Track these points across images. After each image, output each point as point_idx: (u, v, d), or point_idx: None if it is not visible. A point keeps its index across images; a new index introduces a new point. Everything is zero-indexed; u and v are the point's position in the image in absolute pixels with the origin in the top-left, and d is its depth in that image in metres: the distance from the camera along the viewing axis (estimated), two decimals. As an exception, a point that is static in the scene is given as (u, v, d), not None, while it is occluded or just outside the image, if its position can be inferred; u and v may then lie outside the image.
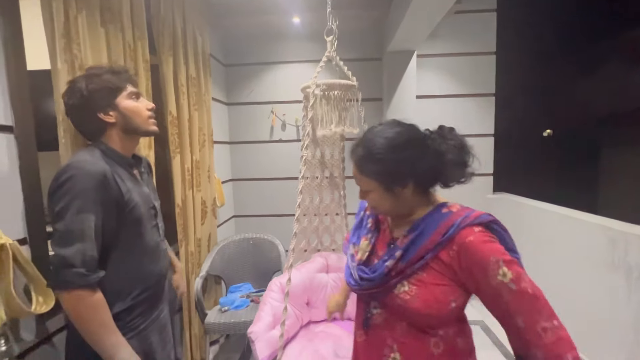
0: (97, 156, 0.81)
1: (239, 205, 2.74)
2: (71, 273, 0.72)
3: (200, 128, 1.86)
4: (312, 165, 1.47)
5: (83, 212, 0.74)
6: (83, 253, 0.73)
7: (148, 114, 0.92)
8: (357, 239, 0.83)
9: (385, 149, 0.68)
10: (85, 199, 0.74)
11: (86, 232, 0.74)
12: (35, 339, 0.92)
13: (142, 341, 0.88)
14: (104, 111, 0.86)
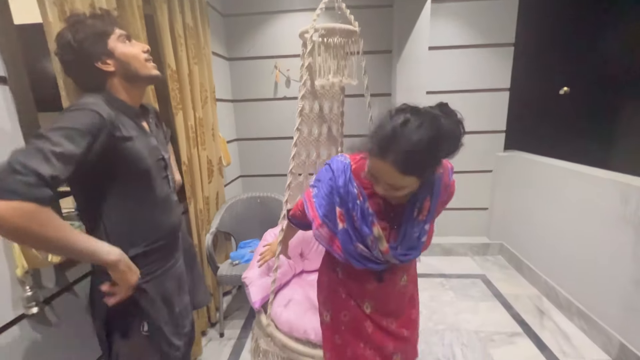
0: (100, 102, 0.78)
1: (245, 165, 2.73)
2: (16, 180, 0.58)
3: (202, 84, 1.79)
4: (310, 119, 1.42)
5: (67, 139, 0.67)
6: (44, 168, 0.61)
7: (145, 57, 0.88)
8: (367, 224, 0.82)
9: (427, 149, 0.66)
10: (78, 131, 0.69)
11: (58, 155, 0.64)
12: (57, 287, 0.98)
13: (159, 285, 0.93)
14: (100, 60, 0.82)
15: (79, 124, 0.70)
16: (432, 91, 2.43)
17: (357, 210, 0.82)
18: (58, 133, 0.67)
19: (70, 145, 0.67)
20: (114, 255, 0.77)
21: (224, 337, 1.83)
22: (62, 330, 0.99)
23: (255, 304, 1.22)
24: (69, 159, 0.67)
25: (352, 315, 0.95)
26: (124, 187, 0.84)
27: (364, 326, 0.94)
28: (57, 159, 0.64)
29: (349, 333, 0.96)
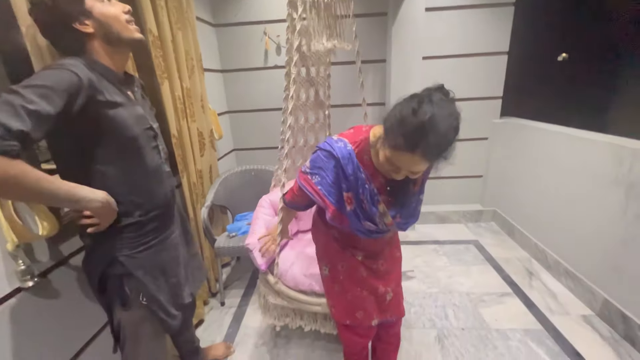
0: (79, 64, 0.74)
1: (238, 138, 2.68)
2: None
3: (187, 51, 1.69)
4: (297, 83, 1.38)
5: (40, 97, 0.64)
6: (13, 122, 0.59)
7: (126, 18, 0.84)
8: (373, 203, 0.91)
9: (453, 138, 0.74)
10: (53, 90, 0.66)
11: (30, 112, 0.62)
12: (52, 261, 0.98)
13: (154, 255, 0.94)
14: (78, 20, 0.77)
15: (54, 82, 0.67)
16: (429, 56, 2.35)
17: (366, 194, 0.89)
18: (32, 90, 0.63)
19: (46, 104, 0.64)
20: (98, 202, 0.77)
21: (225, 306, 1.89)
22: (61, 302, 1.00)
23: (261, 266, 1.29)
24: (44, 118, 0.64)
25: (348, 265, 1.08)
26: (112, 155, 0.83)
27: (359, 272, 1.08)
28: (29, 116, 0.62)
29: (347, 280, 1.08)
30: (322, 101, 1.53)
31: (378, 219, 0.92)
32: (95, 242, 0.88)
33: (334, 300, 1.13)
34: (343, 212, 0.93)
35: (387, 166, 0.82)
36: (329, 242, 1.12)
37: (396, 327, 1.22)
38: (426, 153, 0.72)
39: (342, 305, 1.10)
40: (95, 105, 0.75)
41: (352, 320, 1.09)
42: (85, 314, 1.08)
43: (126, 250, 0.89)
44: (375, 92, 2.51)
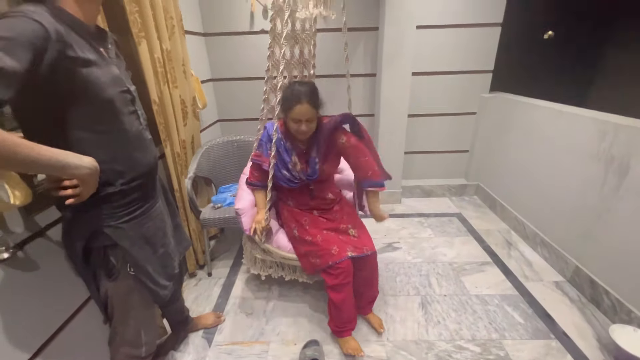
0: (42, 12, 0.64)
1: (223, 108, 2.56)
2: None
3: (166, 8, 1.55)
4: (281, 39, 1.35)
5: (5, 52, 0.56)
6: None
7: None
8: (288, 156, 1.41)
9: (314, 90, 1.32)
10: (17, 42, 0.58)
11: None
12: (27, 232, 0.92)
13: (138, 225, 0.90)
14: None
15: (17, 34, 0.58)
16: (422, 25, 2.27)
17: (281, 147, 1.39)
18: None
19: (10, 60, 0.56)
20: (86, 169, 0.71)
21: (213, 277, 1.89)
22: (40, 274, 0.96)
23: (247, 231, 1.47)
24: (10, 76, 0.56)
25: (309, 219, 1.46)
26: (87, 120, 0.75)
27: (320, 220, 1.46)
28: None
29: (313, 229, 1.41)
30: (307, 60, 1.50)
31: (292, 167, 1.40)
32: (75, 214, 0.83)
33: (308, 247, 1.37)
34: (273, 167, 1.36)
35: (294, 126, 1.31)
36: (289, 210, 1.51)
37: (371, 261, 1.39)
38: (303, 98, 1.26)
39: (317, 251, 1.33)
40: (65, 61, 0.67)
41: (331, 258, 1.29)
42: (67, 287, 1.05)
43: (110, 220, 0.84)
44: (367, 62, 2.42)
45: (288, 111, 1.29)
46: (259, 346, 1.44)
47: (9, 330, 0.87)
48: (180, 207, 1.74)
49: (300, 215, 1.47)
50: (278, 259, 1.52)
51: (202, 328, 1.53)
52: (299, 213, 1.48)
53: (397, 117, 2.39)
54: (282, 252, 1.47)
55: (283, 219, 1.53)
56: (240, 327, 1.54)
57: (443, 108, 2.58)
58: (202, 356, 1.40)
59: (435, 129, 2.65)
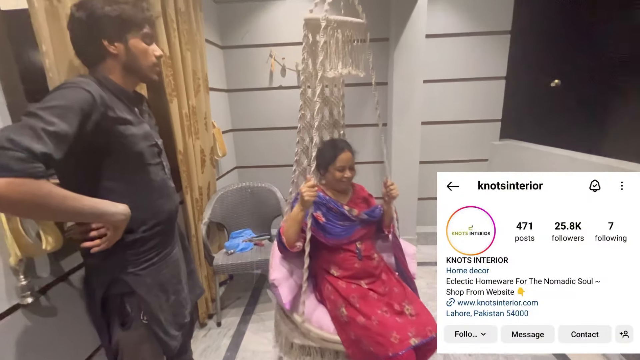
0: (91, 82, 0.76)
1: (241, 156, 2.70)
2: (7, 156, 0.57)
3: (194, 71, 1.74)
4: (312, 103, 1.41)
5: (59, 118, 0.64)
6: (35, 145, 0.60)
7: (154, 61, 0.87)
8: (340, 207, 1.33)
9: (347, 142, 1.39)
10: (69, 109, 0.67)
11: (51, 134, 0.62)
12: (52, 277, 0.95)
13: (156, 272, 0.91)
14: (109, 40, 0.80)
15: (70, 101, 0.68)
16: (429, 80, 2.42)
17: (331, 202, 1.32)
18: (50, 111, 0.64)
19: (64, 124, 0.65)
20: (121, 215, 0.78)
21: (223, 327, 1.83)
22: (58, 320, 0.97)
23: (286, 305, 1.25)
24: (62, 138, 0.64)
25: (358, 294, 1.22)
26: (119, 171, 0.82)
27: (370, 295, 1.23)
28: (50, 138, 0.62)
29: (365, 306, 1.18)
30: (337, 120, 1.57)
31: (348, 212, 1.31)
32: (98, 261, 0.85)
33: (362, 331, 1.13)
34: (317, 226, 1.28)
35: (338, 175, 1.30)
36: (333, 283, 1.28)
37: (434, 345, 1.15)
38: (345, 147, 1.32)
39: (373, 337, 1.10)
40: (105, 121, 0.76)
41: (391, 347, 1.06)
42: (81, 333, 1.05)
43: (130, 267, 0.87)
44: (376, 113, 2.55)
45: (332, 161, 1.29)
46: (267, 408, 1.33)
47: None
48: (195, 252, 1.76)
49: (347, 291, 1.24)
50: (318, 343, 1.25)
51: (209, 384, 1.44)
52: (346, 287, 1.25)
53: (409, 163, 2.44)
54: (324, 334, 1.23)
55: (324, 295, 1.31)
56: (248, 385, 1.45)
57: (455, 155, 2.63)
58: (207, 417, 1.30)
59: (447, 175, 2.67)
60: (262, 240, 2.01)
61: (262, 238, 2.04)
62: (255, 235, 2.09)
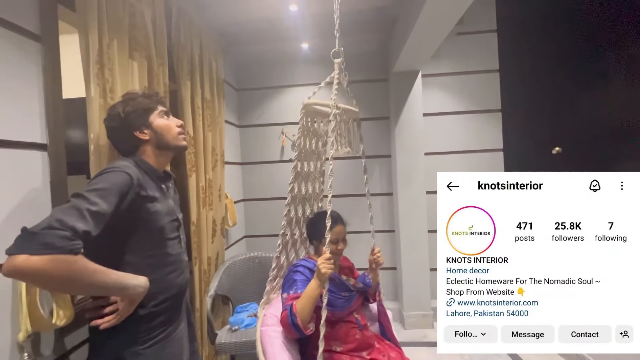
0: (130, 165, 0.87)
1: (250, 225, 2.76)
2: (55, 235, 0.64)
3: (214, 148, 1.92)
4: (300, 177, 1.55)
5: (101, 199, 0.73)
6: (79, 224, 0.67)
7: (178, 130, 1.00)
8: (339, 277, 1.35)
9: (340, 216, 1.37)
10: (110, 190, 0.76)
11: (93, 213, 0.70)
12: (53, 355, 0.93)
13: (160, 351, 0.89)
14: (139, 130, 0.94)
15: (111, 184, 0.77)
16: (430, 152, 2.58)
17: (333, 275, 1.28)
18: (94, 193, 0.73)
19: (104, 204, 0.73)
20: (142, 288, 0.81)
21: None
22: (50, 406, 0.91)
23: None
24: (102, 217, 0.72)
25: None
26: (140, 246, 0.87)
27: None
28: (91, 217, 0.70)
29: None
30: (318, 194, 1.71)
31: (347, 283, 1.36)
32: (104, 338, 0.84)
33: None
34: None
35: (332, 247, 1.28)
36: (338, 358, 1.25)
37: None
38: (339, 220, 1.32)
39: None
40: (138, 199, 0.84)
41: None
42: None
43: (134, 346, 0.85)
44: (382, 183, 2.67)
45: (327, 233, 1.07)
46: None
47: None
48: (198, 327, 1.68)
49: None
50: None
51: None
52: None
53: (417, 232, 2.44)
54: None
55: None
56: None
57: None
58: None
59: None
60: (268, 315, 1.91)
61: (269, 312, 1.94)
62: (261, 309, 1.99)
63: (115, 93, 1.07)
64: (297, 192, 1.56)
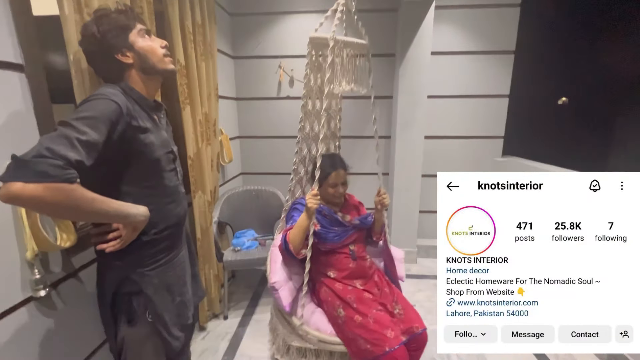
0: (117, 92, 0.82)
1: (247, 162, 2.76)
2: (47, 164, 0.63)
3: (207, 80, 1.81)
4: (311, 115, 1.48)
5: (90, 128, 0.71)
6: (71, 153, 0.66)
7: (163, 52, 0.92)
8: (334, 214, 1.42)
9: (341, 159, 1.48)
10: (99, 120, 0.73)
11: (83, 143, 0.69)
12: (63, 272, 1.00)
13: (162, 274, 0.95)
14: (120, 52, 0.86)
15: (100, 112, 0.74)
16: (433, 95, 2.48)
17: (325, 209, 1.40)
18: (82, 122, 0.70)
19: (94, 133, 0.71)
20: (142, 217, 0.84)
21: (220, 331, 1.86)
22: (67, 314, 1.01)
23: (286, 307, 1.30)
24: (93, 146, 0.71)
25: (355, 296, 1.31)
26: (137, 177, 0.87)
27: (365, 295, 1.32)
28: (82, 146, 0.68)
29: (361, 306, 1.27)
30: (334, 132, 1.62)
31: (341, 219, 1.42)
32: (111, 261, 0.89)
33: (359, 330, 1.20)
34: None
35: (331, 191, 1.40)
36: (330, 285, 1.37)
37: (423, 340, 1.26)
38: (339, 165, 1.40)
39: (370, 334, 1.19)
40: (130, 130, 0.81)
41: (387, 343, 1.16)
42: (87, 327, 1.08)
43: (139, 268, 0.91)
44: (381, 126, 2.61)
45: (326, 178, 1.37)
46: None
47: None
48: (205, 253, 1.80)
49: (344, 292, 1.33)
50: (316, 344, 1.31)
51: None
52: (342, 289, 1.34)
53: (411, 177, 2.48)
54: (322, 335, 1.29)
55: (322, 298, 1.38)
56: (245, 390, 1.46)
57: (457, 170, 2.66)
58: (203, 420, 1.32)
59: (449, 189, 2.70)
60: (265, 240, 2.10)
61: (266, 238, 2.14)
62: (259, 235, 2.19)
63: (92, 8, 0.95)
64: (309, 130, 1.53)
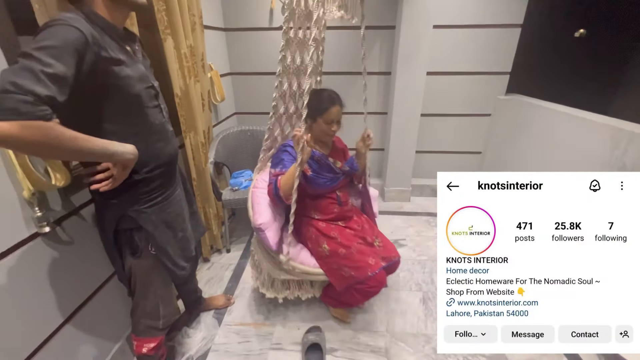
0: (79, 18, 0.72)
1: (240, 102, 2.65)
2: (15, 100, 0.58)
3: (189, 6, 1.63)
4: (293, 44, 1.37)
5: (54, 59, 0.64)
6: (39, 89, 0.61)
7: None
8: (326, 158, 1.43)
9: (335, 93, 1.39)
10: (63, 49, 0.66)
11: (50, 76, 0.63)
12: (64, 210, 1.03)
13: (160, 211, 0.99)
14: None
15: (63, 41, 0.66)
16: (439, 25, 2.27)
17: (316, 154, 1.39)
18: (45, 52, 0.63)
19: (60, 65, 0.64)
20: (130, 154, 0.83)
21: (224, 262, 2.01)
22: (75, 248, 1.07)
23: (273, 246, 1.35)
24: (62, 80, 0.65)
25: (338, 231, 1.42)
26: (118, 114, 0.83)
27: (347, 231, 1.44)
28: (50, 80, 0.63)
29: (345, 239, 1.38)
30: (315, 65, 1.52)
31: (332, 165, 1.43)
32: (106, 199, 0.91)
33: (344, 260, 1.33)
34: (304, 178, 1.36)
35: (326, 128, 1.34)
36: (315, 225, 1.44)
37: (396, 267, 1.45)
38: (337, 101, 1.33)
39: (355, 262, 1.31)
40: (100, 61, 0.75)
41: (370, 268, 1.30)
42: (96, 260, 1.16)
43: (135, 205, 0.93)
44: (382, 60, 2.45)
45: (322, 113, 1.31)
46: (265, 328, 1.54)
47: (45, 297, 0.99)
48: (202, 192, 1.85)
49: (328, 229, 1.42)
50: (301, 276, 1.42)
51: (214, 308, 1.64)
52: (326, 227, 1.43)
53: (410, 116, 2.41)
54: (307, 268, 1.38)
55: (307, 236, 1.46)
56: (249, 310, 1.64)
57: (457, 108, 2.58)
58: (212, 334, 1.51)
59: (448, 129, 2.65)
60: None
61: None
62: (256, 176, 2.22)
63: None
64: (290, 62, 1.41)
